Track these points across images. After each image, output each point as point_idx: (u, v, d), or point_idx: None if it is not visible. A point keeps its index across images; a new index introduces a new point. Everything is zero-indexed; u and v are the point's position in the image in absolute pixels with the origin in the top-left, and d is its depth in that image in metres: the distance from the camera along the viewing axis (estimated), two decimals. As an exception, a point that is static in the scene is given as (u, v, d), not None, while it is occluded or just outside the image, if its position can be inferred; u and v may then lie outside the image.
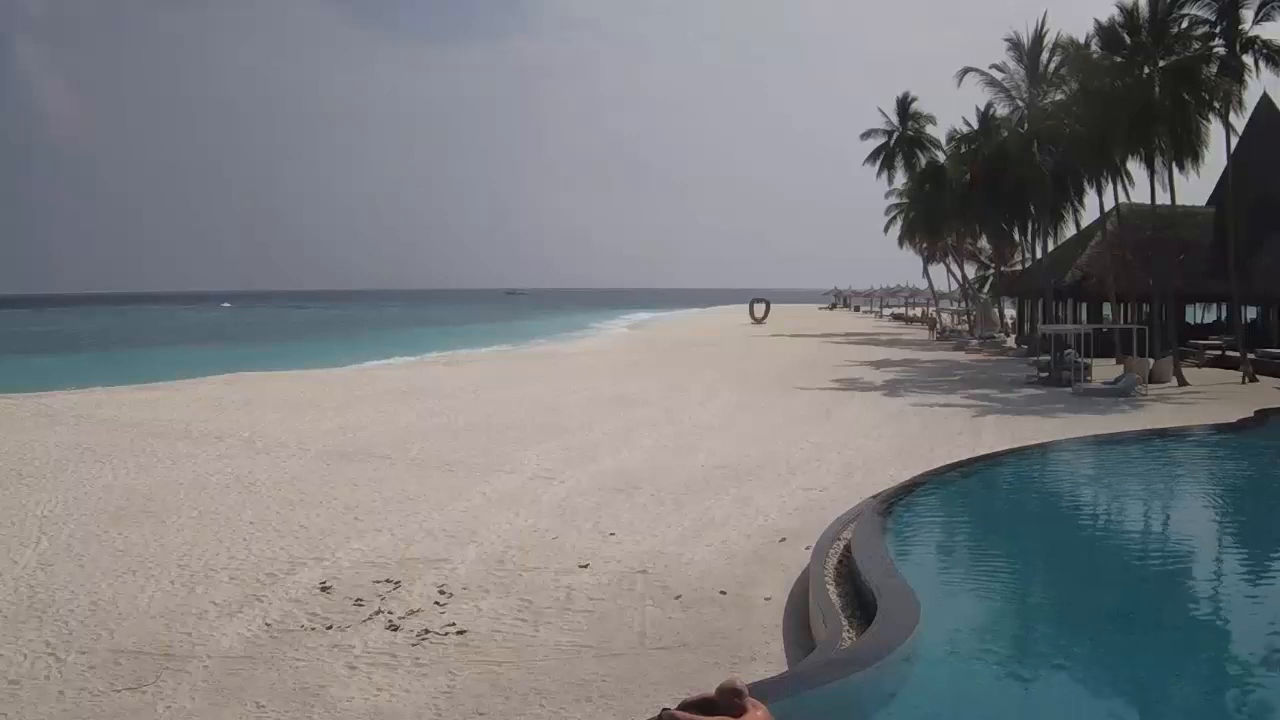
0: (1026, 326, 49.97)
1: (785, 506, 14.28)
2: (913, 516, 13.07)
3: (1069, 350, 33.38)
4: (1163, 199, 35.08)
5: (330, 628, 9.39)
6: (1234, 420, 22.68)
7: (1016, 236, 52.57)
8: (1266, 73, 32.97)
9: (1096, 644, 9.36)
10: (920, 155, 61.59)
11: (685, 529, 13.04)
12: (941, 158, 58.84)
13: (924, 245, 64.52)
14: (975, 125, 50.52)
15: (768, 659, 8.57)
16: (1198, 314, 47.67)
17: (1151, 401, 27.40)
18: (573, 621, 9.55)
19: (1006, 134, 46.29)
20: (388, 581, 10.75)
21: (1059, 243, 46.38)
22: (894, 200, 65.81)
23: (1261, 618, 10.24)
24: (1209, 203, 44.89)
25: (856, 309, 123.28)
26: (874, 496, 13.50)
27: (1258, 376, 31.76)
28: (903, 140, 62.02)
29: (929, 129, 61.66)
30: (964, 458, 17.03)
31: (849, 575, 9.99)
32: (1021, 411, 25.43)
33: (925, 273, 70.28)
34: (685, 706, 6.02)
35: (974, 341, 51.54)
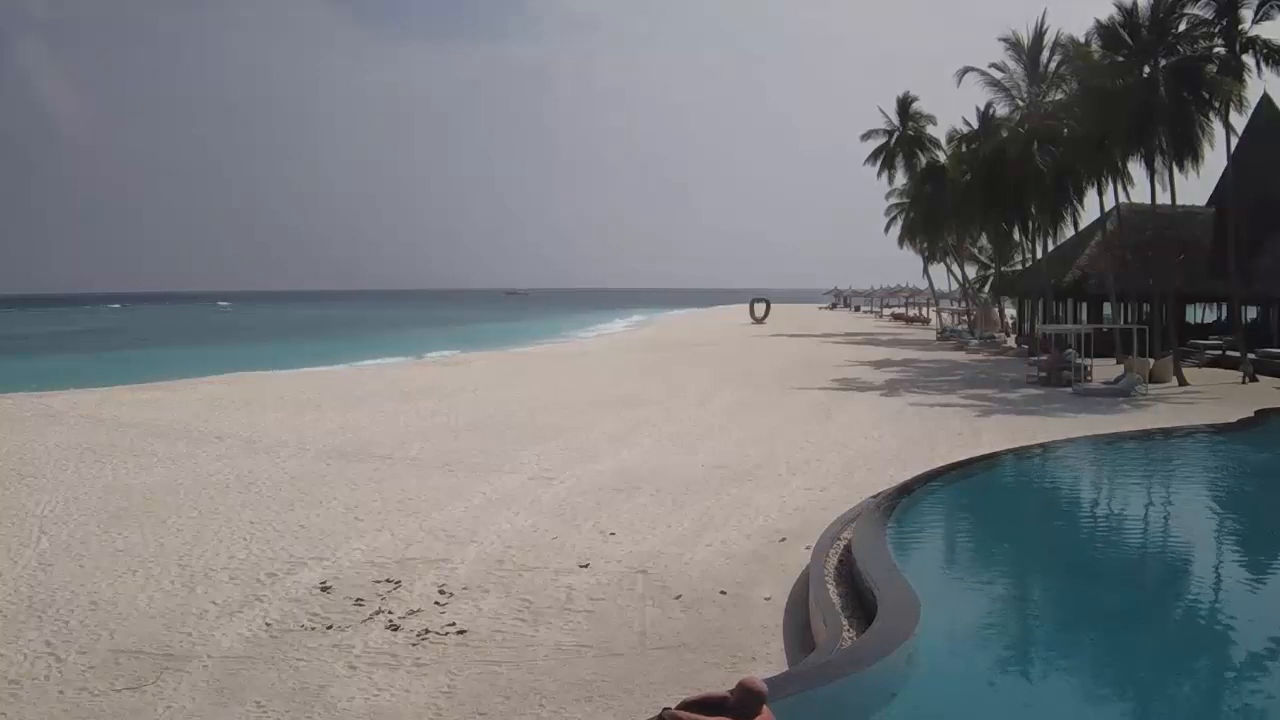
0: (1026, 326, 49.94)
1: (785, 506, 14.28)
2: (912, 516, 13.08)
3: (1069, 350, 33.37)
4: (1163, 199, 35.09)
5: (330, 628, 9.39)
6: (1234, 420, 22.69)
7: (1016, 236, 52.53)
8: (1267, 72, 32.97)
9: (1095, 643, 9.37)
10: (920, 155, 61.50)
11: (685, 529, 13.04)
12: (942, 158, 58.78)
13: (924, 245, 64.48)
14: (975, 125, 50.48)
15: (768, 659, 8.57)
16: (1198, 314, 47.63)
17: (1152, 401, 27.38)
18: (573, 621, 9.55)
19: (1006, 134, 46.25)
20: (388, 581, 10.75)
21: (1059, 243, 46.35)
22: (894, 200, 65.83)
23: (1261, 616, 10.25)
24: (1209, 203, 44.87)
25: (856, 309, 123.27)
26: (873, 496, 13.51)
27: (1258, 376, 31.76)
28: (903, 140, 61.94)
29: (929, 129, 61.66)
30: (964, 458, 17.03)
31: (849, 575, 10.00)
32: (1022, 411, 25.42)
33: (925, 273, 70.33)
34: (688, 705, 6.02)
35: (974, 341, 51.54)
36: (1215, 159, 35.97)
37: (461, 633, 9.24)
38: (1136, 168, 36.46)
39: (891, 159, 62.40)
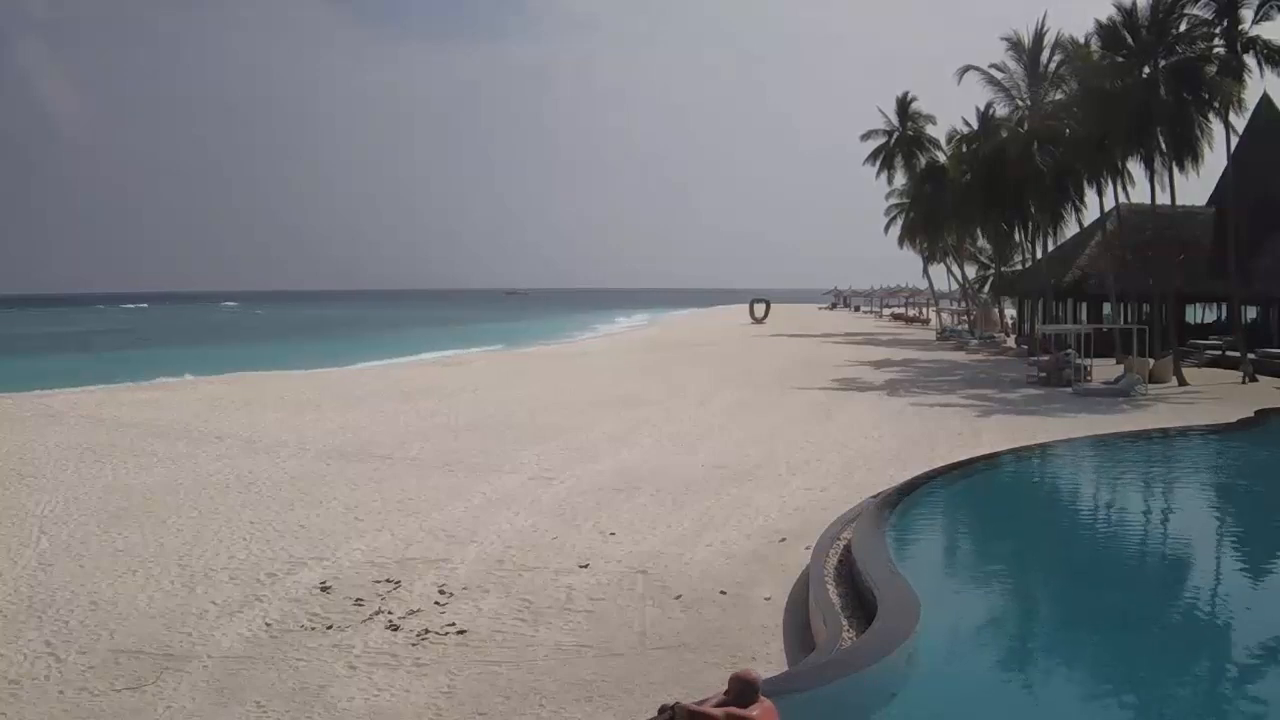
0: (1026, 326, 49.94)
1: (785, 506, 14.28)
2: (912, 516, 13.08)
3: (1069, 350, 33.38)
4: (1163, 199, 35.10)
5: (330, 628, 9.39)
6: (1234, 420, 22.69)
7: (1017, 236, 52.52)
8: (1267, 73, 32.95)
9: (1095, 643, 9.37)
10: (920, 155, 61.51)
11: (685, 529, 13.04)
12: (942, 158, 58.76)
13: (924, 245, 64.47)
14: (975, 125, 50.47)
15: (768, 659, 8.57)
16: (1198, 314, 47.64)
17: (1151, 401, 27.38)
18: (573, 621, 9.55)
19: (1006, 134, 46.26)
20: (388, 581, 10.75)
21: (1059, 243, 46.36)
22: (894, 200, 65.82)
23: (1261, 616, 10.25)
24: (1209, 203, 44.86)
25: (856, 309, 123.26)
26: (873, 496, 13.51)
27: (1258, 376, 31.76)
28: (903, 140, 61.93)
29: (929, 129, 61.67)
30: (964, 458, 17.03)
31: (849, 575, 10.00)
32: (1022, 411, 25.43)
33: (925, 273, 70.29)
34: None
35: (974, 341, 51.54)
36: (1215, 159, 36.02)
37: (461, 633, 9.25)
38: (1136, 168, 36.48)
39: (891, 159, 62.41)
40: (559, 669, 8.39)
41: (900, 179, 63.45)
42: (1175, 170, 34.26)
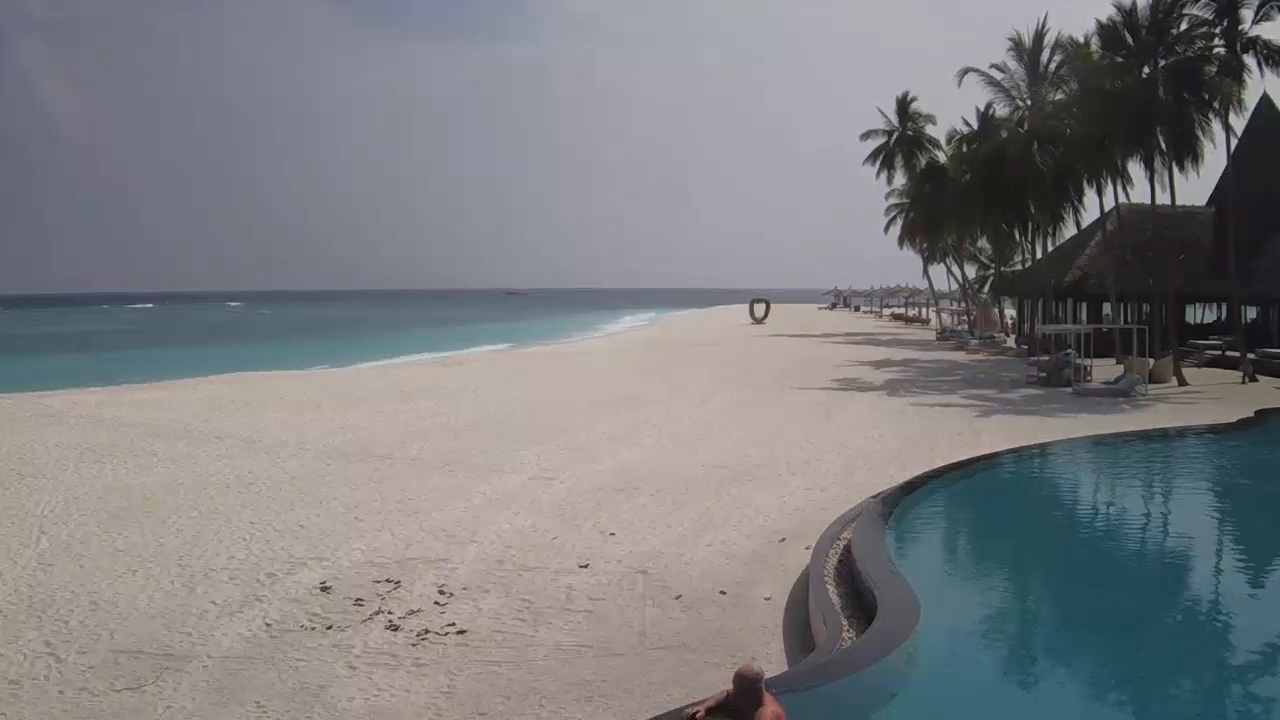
0: (1026, 326, 49.94)
1: (785, 506, 14.29)
2: (912, 516, 13.09)
3: (1069, 350, 33.38)
4: (1163, 199, 35.09)
5: (330, 628, 9.39)
6: (1234, 420, 22.69)
7: (1016, 236, 52.51)
8: (1267, 73, 32.94)
9: (1094, 643, 9.37)
10: (920, 155, 61.51)
11: (685, 529, 13.04)
12: (941, 158, 58.76)
13: (924, 245, 64.45)
14: (975, 125, 50.46)
15: (768, 659, 8.56)
16: (1198, 314, 47.63)
17: (1151, 401, 27.38)
18: (573, 621, 9.55)
19: (1006, 134, 46.25)
20: (388, 581, 10.75)
21: (1059, 243, 46.36)
22: (894, 200, 65.81)
23: (1261, 617, 10.24)
24: (1209, 203, 44.86)
25: (856, 309, 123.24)
26: (873, 496, 13.51)
27: (1258, 376, 31.76)
28: (902, 140, 61.93)
29: (929, 129, 61.66)
30: (964, 458, 17.03)
31: (849, 575, 10.01)
32: (1022, 411, 25.42)
33: (925, 273, 70.27)
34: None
35: (974, 341, 51.54)
36: (1215, 159, 35.99)
37: (461, 633, 9.25)
38: (1136, 168, 36.47)
39: (891, 159, 62.41)
40: (559, 669, 8.39)
41: (900, 179, 63.50)
42: (1175, 170, 34.26)
